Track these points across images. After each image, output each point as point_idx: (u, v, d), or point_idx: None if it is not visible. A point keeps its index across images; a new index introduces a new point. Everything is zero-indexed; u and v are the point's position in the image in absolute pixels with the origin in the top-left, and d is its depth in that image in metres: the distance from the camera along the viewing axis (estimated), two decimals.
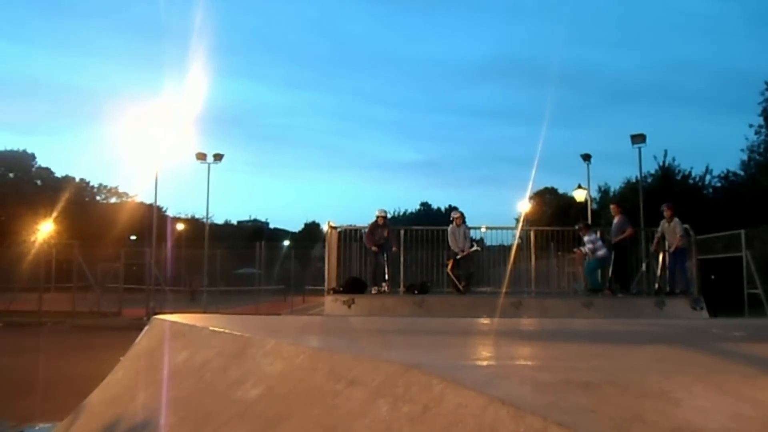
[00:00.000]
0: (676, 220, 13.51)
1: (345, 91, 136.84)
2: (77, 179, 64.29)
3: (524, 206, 31.43)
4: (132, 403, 3.64)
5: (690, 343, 3.32)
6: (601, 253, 13.87)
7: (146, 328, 4.87)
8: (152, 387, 3.64)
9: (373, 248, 14.04)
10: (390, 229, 14.46)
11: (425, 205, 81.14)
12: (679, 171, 33.36)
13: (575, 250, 14.66)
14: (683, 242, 13.39)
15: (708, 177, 33.67)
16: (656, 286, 14.50)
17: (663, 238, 13.91)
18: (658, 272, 14.43)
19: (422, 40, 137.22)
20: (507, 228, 17.96)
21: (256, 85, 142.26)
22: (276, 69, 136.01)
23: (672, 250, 13.60)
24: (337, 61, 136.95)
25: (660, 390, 1.82)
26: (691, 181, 33.17)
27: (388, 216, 15.12)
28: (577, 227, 14.83)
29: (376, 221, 14.26)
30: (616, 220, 14.27)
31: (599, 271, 14.28)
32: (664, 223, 13.75)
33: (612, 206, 15.42)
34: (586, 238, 14.19)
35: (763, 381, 1.94)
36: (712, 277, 17.83)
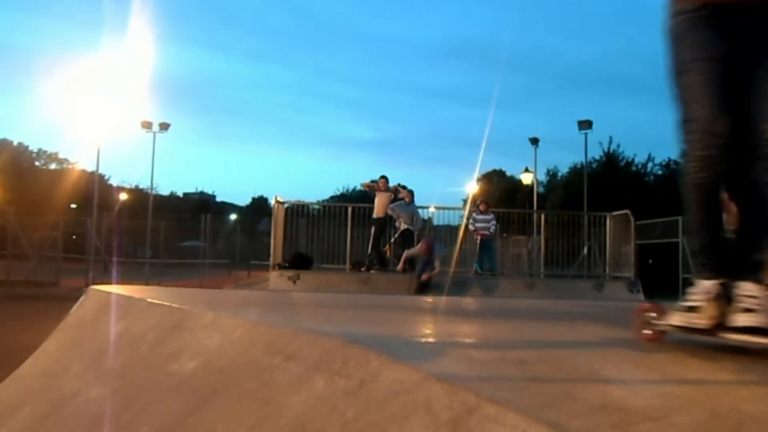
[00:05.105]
0: (491, 214, 15.15)
1: (303, 66, 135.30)
2: (15, 143, 61.55)
3: (472, 187, 31.72)
4: (64, 374, 3.54)
5: (623, 324, 3.42)
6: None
7: (82, 298, 4.74)
8: (86, 359, 3.55)
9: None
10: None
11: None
12: (623, 158, 34.31)
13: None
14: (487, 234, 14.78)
15: (650, 165, 34.75)
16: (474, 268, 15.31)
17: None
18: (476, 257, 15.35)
19: (383, 18, 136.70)
20: (454, 208, 18.20)
21: (213, 55, 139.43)
22: (234, 40, 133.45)
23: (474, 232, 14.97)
24: (296, 36, 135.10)
25: (591, 369, 1.88)
26: (633, 168, 34.16)
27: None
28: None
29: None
30: (379, 196, 14.59)
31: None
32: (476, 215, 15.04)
33: (380, 180, 15.03)
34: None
35: (688, 361, 2.03)
36: (650, 261, 18.47)
